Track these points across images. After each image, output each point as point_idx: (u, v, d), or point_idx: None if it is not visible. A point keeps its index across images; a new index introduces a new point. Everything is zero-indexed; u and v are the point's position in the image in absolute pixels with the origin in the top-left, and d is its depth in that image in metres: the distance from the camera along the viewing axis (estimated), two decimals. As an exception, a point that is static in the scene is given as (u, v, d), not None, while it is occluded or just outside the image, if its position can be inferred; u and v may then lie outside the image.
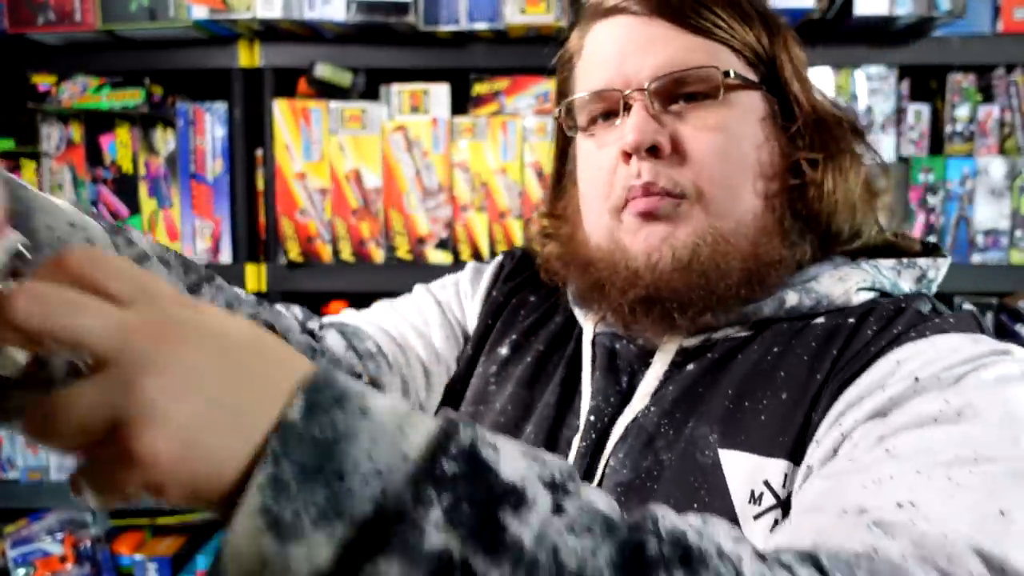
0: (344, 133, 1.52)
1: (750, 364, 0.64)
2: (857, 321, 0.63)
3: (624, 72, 0.67)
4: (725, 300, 0.66)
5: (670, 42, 0.66)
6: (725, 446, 0.61)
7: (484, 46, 1.52)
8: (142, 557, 1.59)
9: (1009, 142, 1.55)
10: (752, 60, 0.68)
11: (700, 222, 0.66)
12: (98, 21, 1.45)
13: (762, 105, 0.69)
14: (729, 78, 0.66)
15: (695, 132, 0.66)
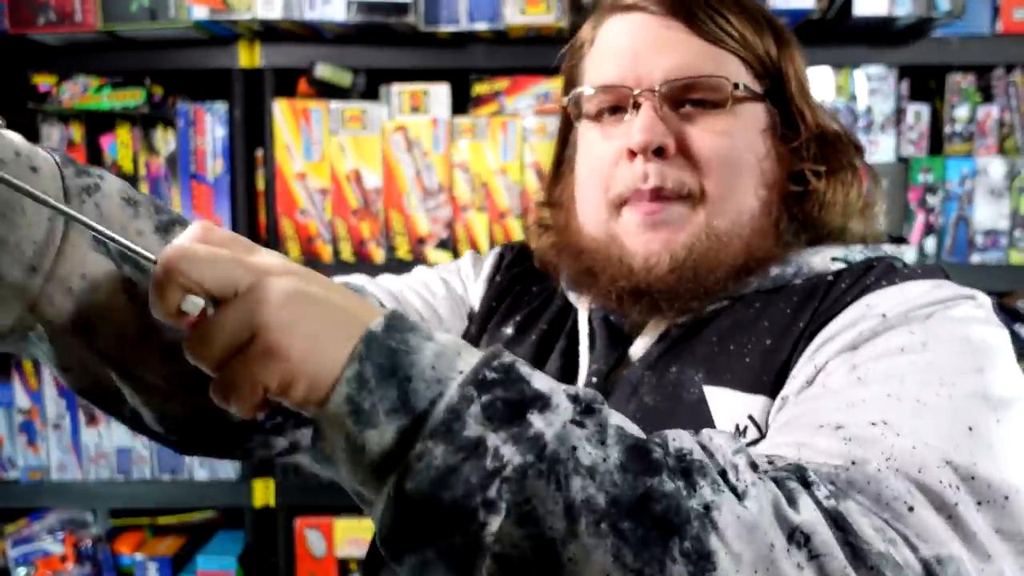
0: (344, 133, 1.52)
1: (734, 317, 0.68)
2: (835, 277, 0.67)
3: (636, 70, 0.69)
4: (712, 292, 0.69)
5: (684, 46, 0.68)
6: (710, 383, 0.64)
7: (484, 46, 1.52)
8: (142, 557, 1.59)
9: (1008, 142, 1.55)
10: (759, 72, 0.71)
11: (699, 223, 0.68)
12: (99, 21, 1.45)
13: (765, 116, 0.71)
14: (738, 90, 0.68)
15: (701, 135, 0.68)
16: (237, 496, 1.58)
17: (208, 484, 1.58)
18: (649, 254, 0.68)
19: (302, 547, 1.59)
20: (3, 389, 1.60)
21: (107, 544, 1.66)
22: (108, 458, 1.59)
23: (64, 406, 1.59)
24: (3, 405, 1.61)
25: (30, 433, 1.60)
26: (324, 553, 1.59)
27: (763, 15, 0.73)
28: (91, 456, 1.59)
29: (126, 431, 1.59)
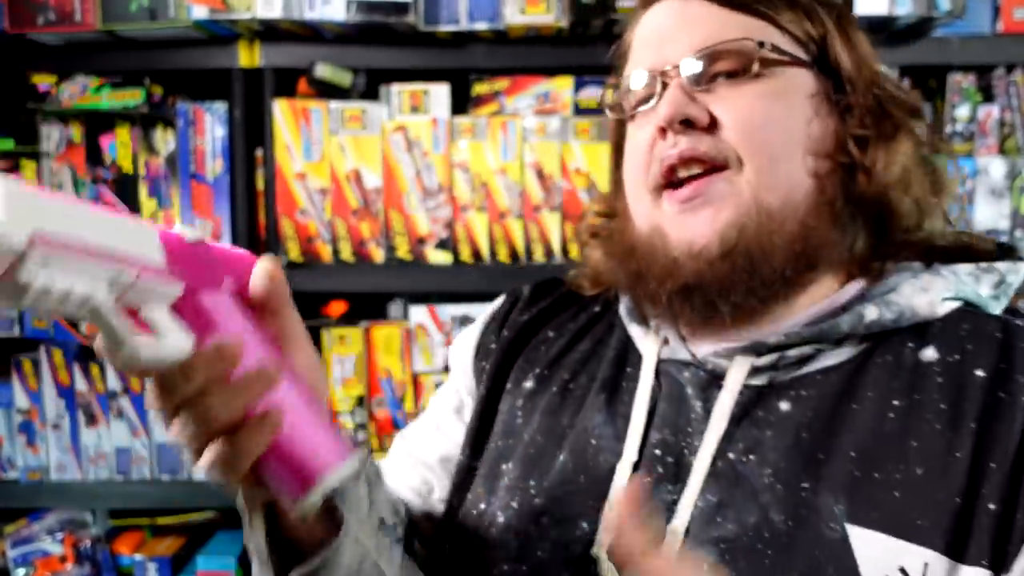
0: (344, 133, 1.52)
1: (869, 420, 0.59)
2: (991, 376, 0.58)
3: (663, 54, 0.66)
4: (770, 284, 0.62)
5: (708, 20, 0.64)
6: (855, 522, 0.55)
7: (484, 46, 1.51)
8: (142, 557, 1.59)
9: (1009, 142, 1.55)
10: (801, 38, 0.65)
11: (745, 196, 0.62)
12: (98, 21, 1.45)
13: (812, 82, 0.65)
14: (764, 49, 0.62)
15: (732, 102, 0.63)
16: (237, 496, 1.58)
17: (208, 484, 1.58)
18: (694, 238, 0.62)
19: (302, 547, 1.59)
20: (2, 389, 1.60)
21: (106, 544, 1.65)
22: (107, 458, 1.59)
23: (63, 406, 1.59)
24: (2, 405, 1.60)
25: (29, 433, 1.60)
26: (324, 553, 1.59)
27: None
28: (90, 456, 1.59)
29: (125, 431, 1.59)
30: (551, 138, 1.51)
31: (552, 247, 1.51)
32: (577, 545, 0.62)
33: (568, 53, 1.52)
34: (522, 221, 1.52)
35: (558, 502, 0.64)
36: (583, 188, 1.51)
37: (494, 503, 0.67)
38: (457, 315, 1.56)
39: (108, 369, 1.58)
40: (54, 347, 1.58)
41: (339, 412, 1.57)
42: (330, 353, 1.56)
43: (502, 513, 0.66)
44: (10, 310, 1.59)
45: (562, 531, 0.62)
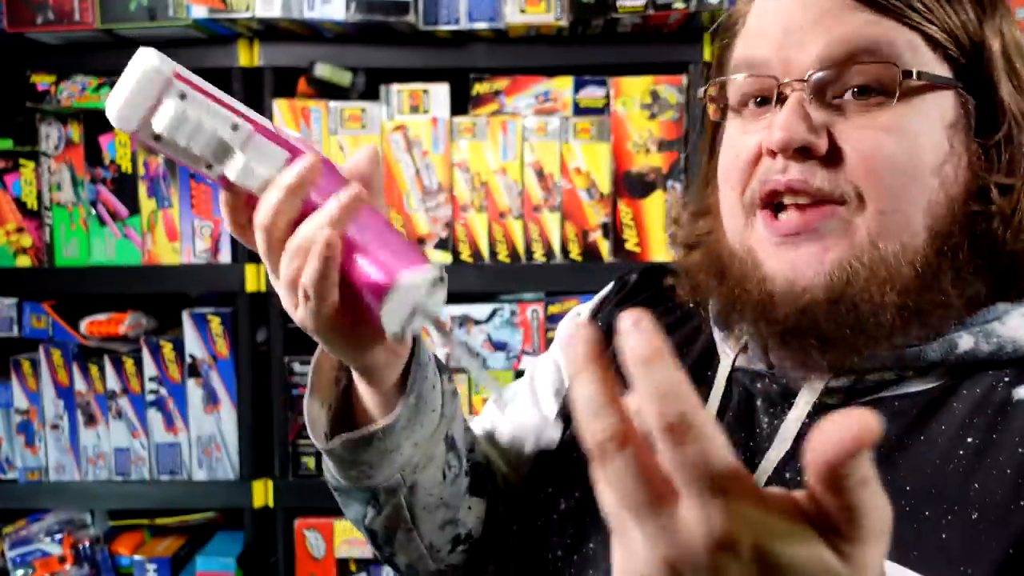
0: (344, 133, 1.51)
1: (935, 455, 0.53)
2: None
3: (785, 52, 0.55)
4: (875, 340, 0.55)
5: (845, 19, 0.53)
6: (893, 559, 0.48)
7: (484, 46, 1.51)
8: (141, 558, 1.59)
9: (1010, 142, 1.55)
10: (950, 50, 0.55)
11: (860, 238, 0.54)
12: (97, 20, 1.45)
13: (954, 109, 0.55)
14: (910, 79, 0.53)
15: (859, 132, 0.54)
16: (236, 497, 1.58)
17: (207, 485, 1.58)
18: (796, 277, 0.55)
19: (301, 548, 1.59)
20: (1, 389, 1.60)
21: (105, 545, 1.65)
22: (106, 459, 1.59)
23: (62, 407, 1.58)
24: (1, 405, 1.60)
25: (28, 434, 1.59)
26: (323, 554, 1.59)
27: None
28: (89, 457, 1.59)
29: (124, 431, 1.58)
30: (551, 138, 1.50)
31: (552, 247, 1.51)
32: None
33: (568, 53, 1.52)
34: (522, 221, 1.51)
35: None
36: (583, 188, 1.51)
37: (561, 488, 0.67)
38: (457, 315, 1.56)
39: (107, 369, 1.58)
40: (53, 347, 1.58)
41: (339, 412, 1.56)
42: (330, 353, 1.56)
43: (564, 501, 0.66)
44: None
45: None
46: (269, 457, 1.57)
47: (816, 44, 0.54)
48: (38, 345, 1.58)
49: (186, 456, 1.58)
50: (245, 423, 1.57)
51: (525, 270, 1.51)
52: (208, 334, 1.56)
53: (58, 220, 1.57)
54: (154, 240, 1.56)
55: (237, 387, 1.57)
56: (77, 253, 1.57)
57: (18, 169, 1.58)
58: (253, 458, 1.58)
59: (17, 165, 1.58)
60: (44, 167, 1.57)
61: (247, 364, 1.57)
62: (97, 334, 1.58)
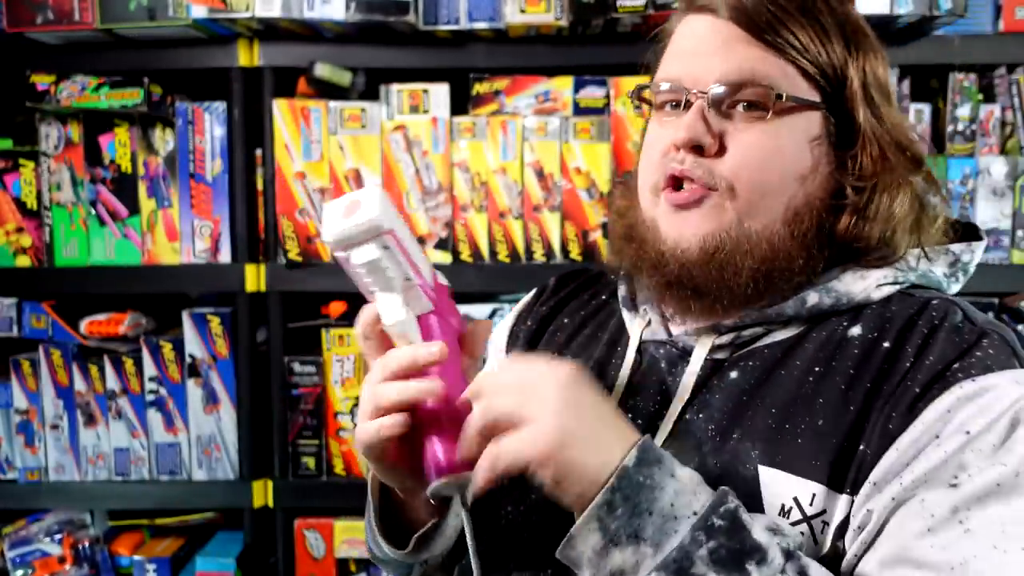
0: (344, 133, 1.51)
1: (793, 383, 0.70)
2: (892, 347, 0.68)
3: (693, 71, 0.72)
4: (734, 294, 0.72)
5: (739, 51, 0.71)
6: (764, 463, 0.68)
7: (484, 46, 1.51)
8: (141, 558, 1.59)
9: (1011, 142, 1.55)
10: (819, 80, 0.72)
11: (729, 218, 0.71)
12: (97, 20, 1.45)
13: (819, 125, 0.72)
14: (781, 101, 0.70)
15: (740, 136, 0.71)
16: (236, 497, 1.58)
17: (207, 485, 1.58)
18: (679, 238, 0.72)
19: (301, 548, 1.59)
20: (1, 389, 1.60)
21: (105, 545, 1.65)
22: (106, 459, 1.59)
23: (62, 407, 1.58)
24: (1, 406, 1.60)
25: (28, 434, 1.59)
26: (323, 554, 1.58)
27: (837, 20, 0.73)
28: (89, 457, 1.59)
29: (124, 431, 1.58)
30: (551, 138, 1.50)
31: (552, 247, 1.51)
32: None
33: (568, 52, 1.51)
34: (522, 221, 1.51)
35: None
36: (583, 187, 1.51)
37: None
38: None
39: (107, 369, 1.57)
40: (53, 347, 1.58)
41: (338, 412, 1.56)
42: (330, 353, 1.56)
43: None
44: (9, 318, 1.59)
45: None
46: (269, 457, 1.57)
47: (717, 67, 0.71)
48: (38, 345, 1.58)
49: (186, 456, 1.58)
50: (245, 423, 1.57)
51: (525, 270, 1.51)
52: (208, 334, 1.56)
53: (58, 220, 1.57)
54: (154, 240, 1.56)
55: (237, 387, 1.57)
56: (77, 253, 1.57)
57: (18, 169, 1.58)
58: (253, 458, 1.57)
59: (17, 165, 1.58)
60: (44, 167, 1.56)
61: (247, 364, 1.57)
62: (97, 334, 1.57)
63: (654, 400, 0.76)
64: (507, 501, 0.79)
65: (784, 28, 0.70)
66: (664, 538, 0.58)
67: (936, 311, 0.70)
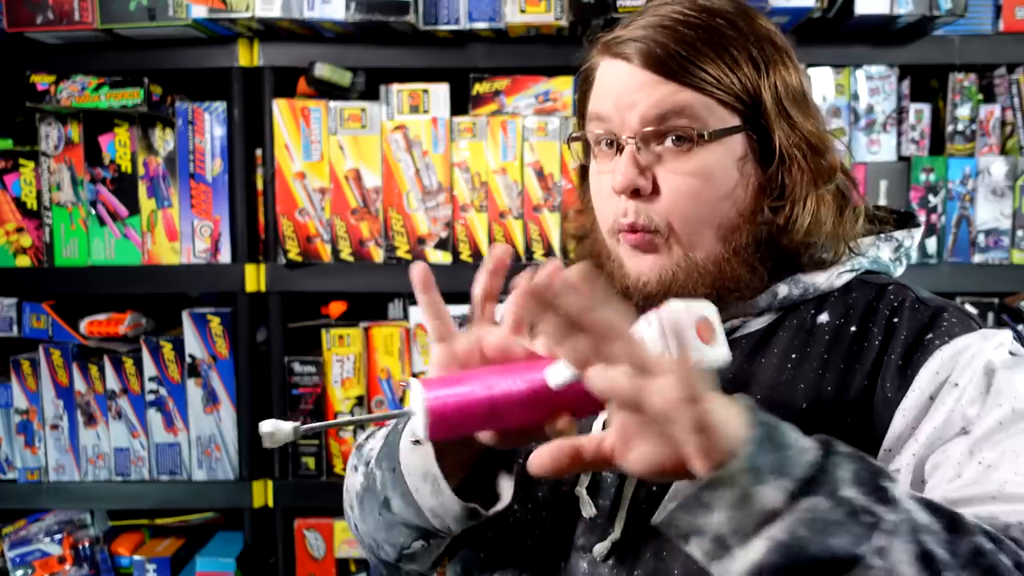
0: (344, 133, 1.51)
1: (773, 371, 0.77)
2: (858, 330, 0.77)
3: (620, 112, 0.77)
4: None
5: (656, 92, 0.75)
6: None
7: (484, 46, 1.51)
8: (141, 558, 1.59)
9: (1010, 142, 1.55)
10: (736, 105, 0.76)
11: (676, 253, 0.78)
12: (97, 20, 1.45)
13: (742, 145, 0.77)
14: (703, 139, 0.75)
15: (671, 176, 0.76)
16: (236, 497, 1.58)
17: (207, 485, 1.58)
18: (639, 274, 0.79)
19: (301, 548, 1.59)
20: (1, 389, 1.60)
21: (105, 545, 1.65)
22: (106, 459, 1.59)
23: (62, 407, 1.58)
24: (1, 406, 1.60)
25: (28, 434, 1.59)
26: (323, 554, 1.58)
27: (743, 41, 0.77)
28: (89, 457, 1.59)
29: (124, 431, 1.58)
30: (551, 138, 1.50)
31: (552, 247, 1.51)
32: (565, 485, 0.79)
33: (568, 52, 1.50)
34: (522, 221, 1.51)
35: None
36: (583, 188, 1.51)
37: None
38: (457, 315, 1.55)
39: (107, 369, 1.57)
40: (53, 347, 1.58)
41: (338, 412, 1.56)
42: (330, 353, 1.56)
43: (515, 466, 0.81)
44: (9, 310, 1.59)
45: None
46: (269, 457, 1.57)
47: (639, 108, 0.76)
48: (38, 345, 1.58)
49: (186, 456, 1.58)
50: (245, 423, 1.57)
51: (525, 270, 1.50)
52: (208, 334, 1.56)
53: (58, 220, 1.57)
54: (154, 240, 1.56)
55: (237, 387, 1.57)
56: (77, 253, 1.57)
57: (18, 169, 1.58)
58: (253, 458, 1.57)
59: (17, 165, 1.58)
60: (44, 167, 1.57)
61: (247, 364, 1.57)
62: (97, 334, 1.58)
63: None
64: (514, 500, 0.80)
65: (694, 66, 0.75)
66: (803, 466, 0.57)
67: (893, 295, 0.78)
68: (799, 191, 0.77)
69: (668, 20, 0.77)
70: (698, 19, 0.77)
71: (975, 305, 1.53)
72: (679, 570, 0.72)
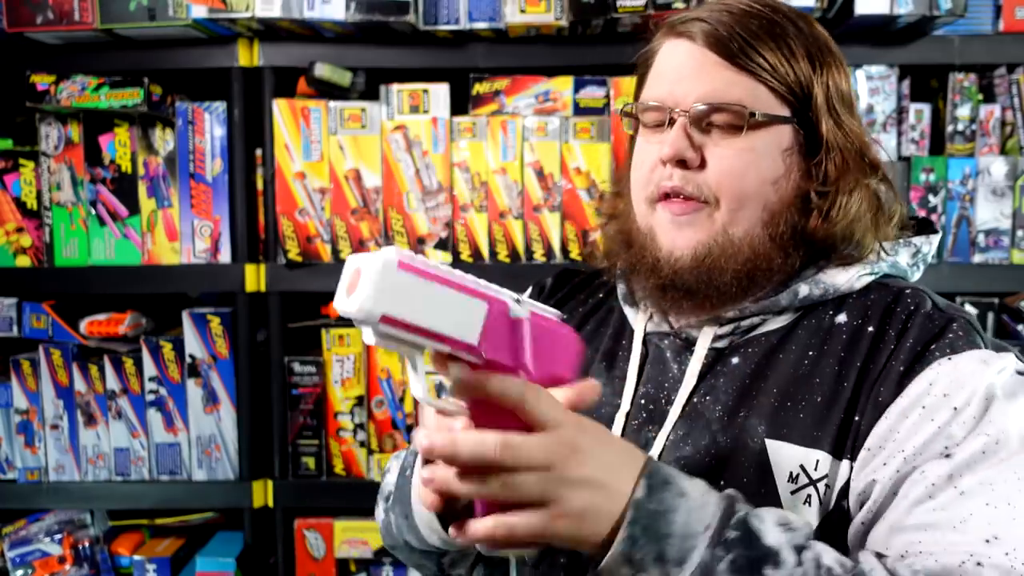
0: (344, 133, 1.51)
1: (790, 367, 0.79)
2: (876, 331, 0.78)
3: (675, 92, 0.80)
4: (720, 292, 0.81)
5: (716, 75, 0.78)
6: (771, 436, 0.77)
7: (484, 46, 1.51)
8: (141, 558, 1.59)
9: (1010, 142, 1.55)
10: (787, 97, 0.79)
11: (717, 226, 0.80)
12: (97, 20, 1.45)
13: (789, 137, 0.80)
14: (754, 118, 0.78)
15: (720, 151, 0.79)
16: (236, 497, 1.58)
17: (207, 485, 1.58)
18: (674, 248, 0.81)
19: (301, 548, 1.59)
20: (1, 389, 1.60)
21: (105, 545, 1.65)
22: (106, 459, 1.59)
23: (62, 407, 1.58)
24: (1, 406, 1.60)
25: (28, 434, 1.59)
26: (323, 554, 1.58)
27: (803, 40, 0.80)
28: (89, 457, 1.59)
29: (124, 431, 1.58)
30: (551, 138, 1.50)
31: (552, 247, 1.51)
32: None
33: (568, 52, 1.52)
34: (522, 221, 1.51)
35: None
36: (583, 187, 1.51)
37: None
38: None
39: (107, 369, 1.58)
40: (53, 347, 1.58)
41: (338, 412, 1.56)
42: (330, 353, 1.56)
43: None
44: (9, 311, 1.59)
45: None
46: (269, 457, 1.57)
47: (696, 89, 0.79)
48: (38, 345, 1.58)
49: (186, 456, 1.58)
50: (245, 423, 1.57)
51: (525, 270, 1.51)
52: (208, 334, 1.56)
53: (58, 220, 1.57)
54: (154, 240, 1.56)
55: (237, 387, 1.57)
56: (77, 253, 1.57)
57: (18, 169, 1.58)
58: (253, 458, 1.57)
59: (17, 165, 1.58)
60: (44, 167, 1.57)
61: (247, 364, 1.57)
62: (97, 334, 1.58)
63: (663, 386, 0.84)
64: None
65: (754, 51, 0.78)
66: (686, 554, 0.61)
67: (910, 299, 0.79)
68: (843, 183, 0.80)
69: (735, 7, 0.80)
70: (762, 11, 0.80)
71: (975, 305, 1.53)
72: None
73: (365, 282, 0.55)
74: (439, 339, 0.58)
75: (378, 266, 0.55)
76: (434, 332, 0.58)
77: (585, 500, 0.60)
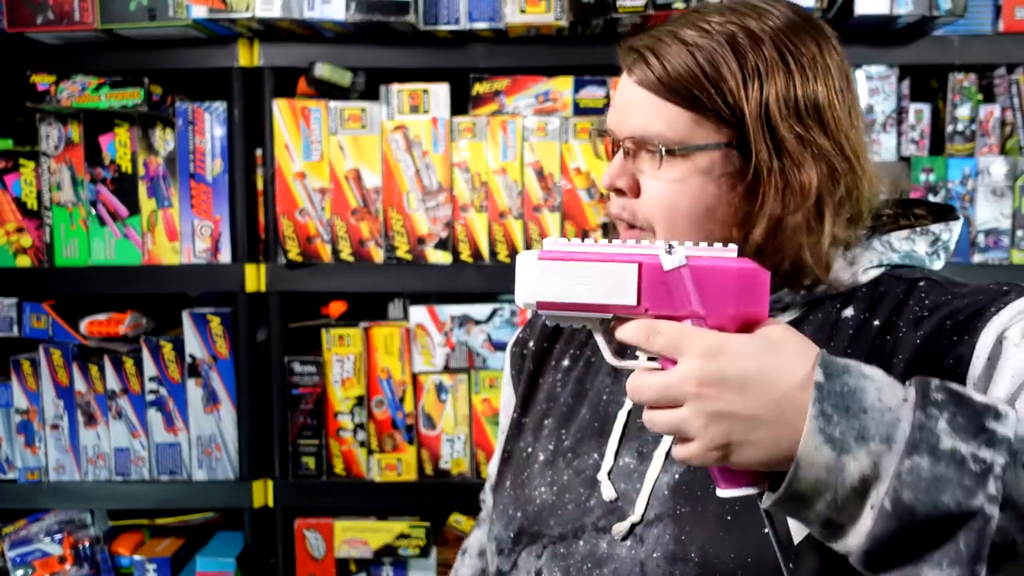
0: (344, 133, 1.51)
1: None
2: (882, 324, 0.76)
3: (613, 123, 0.82)
4: None
5: (643, 108, 0.78)
6: None
7: (484, 46, 1.51)
8: (141, 558, 1.59)
9: (1010, 142, 1.55)
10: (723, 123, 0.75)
11: None
12: (97, 20, 1.45)
13: (720, 164, 0.76)
14: (673, 155, 0.76)
15: (649, 182, 0.79)
16: (236, 497, 1.58)
17: (207, 485, 1.58)
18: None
19: (301, 548, 1.59)
20: (1, 389, 1.60)
21: (105, 545, 1.65)
22: (106, 458, 1.59)
23: (62, 407, 1.58)
24: (1, 406, 1.60)
25: (28, 434, 1.59)
26: (323, 554, 1.59)
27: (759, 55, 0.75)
28: (89, 457, 1.59)
29: (124, 431, 1.58)
30: (551, 138, 1.50)
31: (552, 247, 1.51)
32: (589, 470, 0.84)
33: (568, 52, 1.52)
34: (522, 221, 1.51)
35: (579, 442, 0.87)
36: (583, 188, 1.51)
37: (537, 447, 0.91)
38: (457, 315, 1.56)
39: (107, 369, 1.58)
40: (53, 347, 1.58)
41: (338, 412, 1.56)
42: (330, 353, 1.56)
43: (543, 453, 0.90)
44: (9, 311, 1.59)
45: (579, 461, 0.86)
46: (269, 457, 1.57)
47: (627, 121, 0.80)
48: (38, 345, 1.58)
49: (186, 456, 1.58)
50: (245, 423, 1.57)
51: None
52: (208, 334, 1.56)
53: (58, 220, 1.57)
54: (154, 240, 1.56)
55: (237, 387, 1.57)
56: (77, 253, 1.57)
57: (18, 169, 1.58)
58: (253, 458, 1.58)
59: (17, 165, 1.58)
60: (44, 167, 1.57)
61: (247, 364, 1.57)
62: (97, 334, 1.58)
63: None
64: (540, 482, 0.87)
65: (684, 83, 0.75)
66: (891, 429, 0.56)
67: (925, 292, 0.76)
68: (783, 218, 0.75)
69: (686, 33, 0.77)
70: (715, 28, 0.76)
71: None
72: (696, 553, 0.73)
73: (518, 278, 0.65)
74: (597, 309, 0.65)
75: (523, 261, 0.65)
76: (589, 304, 0.65)
77: (754, 404, 0.57)
